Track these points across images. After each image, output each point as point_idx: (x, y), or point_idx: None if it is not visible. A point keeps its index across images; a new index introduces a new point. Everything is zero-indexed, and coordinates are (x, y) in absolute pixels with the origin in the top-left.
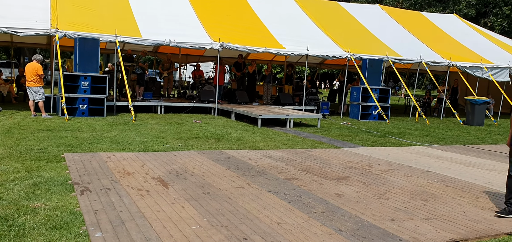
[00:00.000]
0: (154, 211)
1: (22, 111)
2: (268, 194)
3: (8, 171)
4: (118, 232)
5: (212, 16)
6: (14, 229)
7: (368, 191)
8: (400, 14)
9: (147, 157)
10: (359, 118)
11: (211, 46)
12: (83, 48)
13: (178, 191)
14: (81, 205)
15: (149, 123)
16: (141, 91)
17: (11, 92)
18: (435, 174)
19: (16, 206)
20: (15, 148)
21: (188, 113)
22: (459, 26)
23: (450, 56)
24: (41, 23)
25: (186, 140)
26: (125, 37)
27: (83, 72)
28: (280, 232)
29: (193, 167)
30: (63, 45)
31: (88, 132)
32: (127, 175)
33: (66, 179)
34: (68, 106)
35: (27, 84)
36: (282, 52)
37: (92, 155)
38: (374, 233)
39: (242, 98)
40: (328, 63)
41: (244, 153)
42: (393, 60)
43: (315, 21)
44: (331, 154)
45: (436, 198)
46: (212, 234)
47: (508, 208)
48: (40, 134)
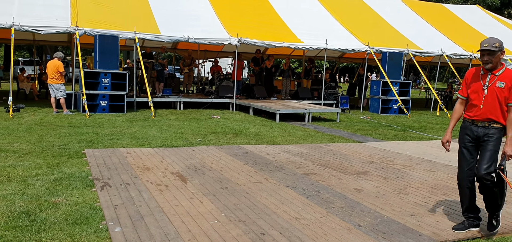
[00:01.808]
0: (172, 206)
1: (44, 108)
2: (286, 189)
3: (31, 166)
4: (137, 227)
5: (230, 11)
6: (36, 223)
7: (388, 186)
8: (421, 6)
9: (166, 152)
10: (379, 112)
11: (229, 41)
12: (103, 45)
13: (197, 186)
14: (101, 200)
15: (169, 118)
16: (161, 88)
17: (33, 89)
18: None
19: (38, 201)
20: (37, 144)
21: (207, 109)
22: (482, 17)
23: (472, 48)
24: (62, 21)
25: (205, 135)
26: (144, 34)
27: (103, 69)
28: (298, 227)
29: (211, 162)
30: (84, 43)
31: (109, 128)
32: (146, 170)
33: (86, 174)
34: (89, 103)
35: (48, 82)
36: (300, 47)
37: (112, 151)
38: (393, 228)
39: (260, 93)
40: (348, 57)
41: (262, 147)
42: (413, 53)
43: (334, 15)
44: (351, 148)
45: (458, 193)
46: (230, 228)
47: (467, 221)
48: (61, 130)
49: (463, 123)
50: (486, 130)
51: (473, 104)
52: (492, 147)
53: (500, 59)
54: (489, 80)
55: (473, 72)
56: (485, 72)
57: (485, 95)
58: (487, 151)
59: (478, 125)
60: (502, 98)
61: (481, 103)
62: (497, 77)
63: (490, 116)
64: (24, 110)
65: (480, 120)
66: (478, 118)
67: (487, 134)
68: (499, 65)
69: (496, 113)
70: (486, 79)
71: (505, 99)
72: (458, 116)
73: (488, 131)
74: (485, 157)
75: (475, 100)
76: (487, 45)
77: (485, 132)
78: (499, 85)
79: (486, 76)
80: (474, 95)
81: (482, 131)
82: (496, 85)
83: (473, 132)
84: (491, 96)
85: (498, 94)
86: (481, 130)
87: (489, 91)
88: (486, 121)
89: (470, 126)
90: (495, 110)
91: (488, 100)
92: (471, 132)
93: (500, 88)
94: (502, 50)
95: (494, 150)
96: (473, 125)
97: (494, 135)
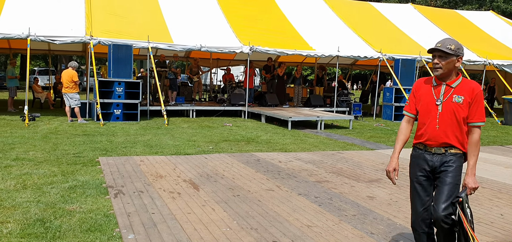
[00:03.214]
0: (185, 213)
1: (59, 117)
2: (298, 196)
3: (46, 174)
4: (150, 234)
5: (241, 19)
6: (51, 231)
7: (401, 193)
8: (434, 13)
9: (179, 160)
10: (393, 119)
11: (241, 50)
12: (117, 54)
13: (209, 193)
14: (115, 207)
15: (181, 126)
16: (174, 96)
17: (48, 99)
18: None
19: (53, 208)
20: (52, 152)
21: (219, 116)
22: (496, 23)
23: (486, 54)
24: (77, 31)
25: (217, 143)
26: (157, 43)
27: (117, 78)
28: (310, 235)
29: (223, 170)
30: (98, 52)
31: (122, 136)
32: (159, 178)
33: (100, 182)
34: (103, 111)
35: (63, 91)
36: (312, 54)
37: (126, 159)
38: (406, 236)
39: (272, 101)
40: (360, 64)
41: (274, 155)
42: (426, 60)
43: (346, 22)
44: (363, 156)
45: (472, 200)
46: (242, 236)
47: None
48: (76, 139)
49: (414, 150)
50: (443, 157)
51: (424, 125)
52: (451, 179)
53: (455, 67)
54: (444, 94)
55: (423, 82)
56: (438, 83)
57: (440, 113)
58: (446, 184)
59: (433, 152)
60: (461, 117)
61: (436, 123)
62: (453, 89)
63: (447, 141)
64: (40, 119)
65: (435, 145)
66: (432, 144)
67: (445, 163)
68: (454, 74)
69: (454, 136)
70: (440, 92)
71: (463, 117)
72: (405, 139)
73: (445, 158)
74: (443, 193)
75: (427, 119)
76: (440, 45)
77: (442, 160)
78: (456, 100)
79: (439, 88)
80: (425, 113)
81: (438, 159)
82: (452, 99)
83: (427, 162)
84: (447, 114)
85: (455, 112)
86: (437, 158)
87: (444, 107)
88: (443, 146)
89: (423, 155)
90: (453, 132)
91: (443, 119)
92: (425, 162)
93: (457, 104)
94: (458, 55)
95: (454, 183)
96: (427, 152)
97: (453, 163)
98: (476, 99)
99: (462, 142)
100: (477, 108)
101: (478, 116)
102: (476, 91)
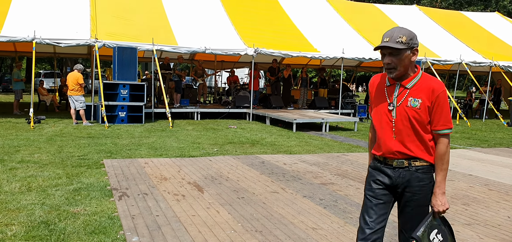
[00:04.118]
0: (189, 215)
1: (64, 119)
2: (303, 199)
3: (51, 177)
4: (154, 237)
5: (246, 22)
6: (55, 233)
7: None
8: (439, 14)
9: (183, 162)
10: None
11: (245, 52)
12: (122, 57)
13: (213, 195)
14: (119, 210)
15: (186, 129)
16: (178, 98)
17: (54, 101)
18: (477, 177)
19: (57, 211)
20: (57, 155)
21: (224, 119)
22: (502, 24)
23: (492, 55)
24: (82, 34)
25: (222, 145)
26: (161, 46)
27: (122, 80)
28: (315, 238)
29: (228, 172)
30: (103, 55)
31: (127, 139)
32: (164, 180)
33: (105, 184)
34: (108, 114)
35: (68, 93)
36: (317, 56)
37: (130, 161)
38: None
39: (277, 103)
40: (365, 66)
41: (278, 157)
42: (431, 62)
43: (351, 24)
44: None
45: (478, 203)
46: (247, 239)
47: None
48: (81, 141)
49: (372, 162)
50: (406, 173)
51: (380, 135)
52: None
53: (411, 62)
54: (398, 96)
55: (378, 79)
56: (392, 83)
57: (395, 120)
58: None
59: (394, 166)
60: (419, 125)
61: (392, 133)
62: (408, 91)
63: (408, 152)
64: (45, 121)
65: (395, 158)
66: (391, 156)
67: (410, 182)
68: (410, 71)
69: (416, 146)
70: (393, 94)
71: (423, 124)
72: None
73: (410, 175)
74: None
75: (381, 128)
76: (388, 39)
77: (406, 177)
78: (411, 104)
79: (393, 89)
80: (379, 120)
81: (401, 175)
82: (407, 103)
83: (388, 176)
84: (402, 122)
85: (411, 119)
86: (399, 173)
87: (398, 113)
88: (405, 159)
89: (383, 168)
90: (413, 143)
91: (399, 128)
92: (385, 176)
93: (413, 109)
94: (413, 47)
95: (422, 204)
96: (387, 166)
97: (419, 182)
98: (438, 102)
99: (429, 150)
100: (440, 113)
101: (442, 123)
102: (437, 92)
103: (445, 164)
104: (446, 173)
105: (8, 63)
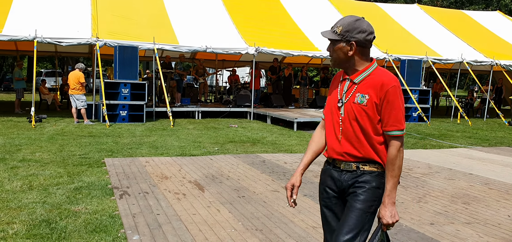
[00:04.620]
0: (190, 214)
1: (65, 118)
2: (304, 197)
3: (52, 176)
4: (155, 235)
5: (247, 21)
6: (56, 232)
7: (407, 195)
8: (440, 13)
9: (184, 161)
10: None
11: (246, 51)
12: (123, 56)
13: (214, 194)
14: (120, 208)
15: (187, 128)
16: (179, 97)
17: (55, 100)
18: (478, 176)
19: (59, 209)
20: (58, 153)
21: (225, 118)
22: (504, 23)
23: (493, 54)
24: (83, 33)
25: (222, 144)
26: (163, 45)
27: (123, 79)
28: (315, 236)
29: (228, 171)
30: (104, 54)
31: (128, 138)
32: (164, 179)
33: (106, 183)
34: (109, 113)
35: (70, 92)
36: (318, 55)
37: (131, 160)
38: (412, 237)
39: (278, 102)
40: None
41: (279, 156)
42: (433, 61)
43: None
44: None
45: (479, 201)
46: (247, 237)
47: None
48: (82, 140)
49: (324, 165)
50: (353, 176)
51: (328, 132)
52: (361, 204)
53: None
54: (346, 92)
55: (337, 76)
56: (345, 77)
57: (342, 118)
58: (352, 211)
59: (342, 169)
60: (366, 123)
61: (339, 132)
62: (356, 86)
63: (356, 154)
64: (46, 120)
65: (343, 160)
66: (338, 157)
67: (356, 183)
68: (358, 64)
69: (364, 149)
70: (343, 89)
71: (372, 124)
72: (316, 148)
73: (357, 178)
74: (346, 223)
75: (331, 126)
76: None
77: (353, 179)
78: (358, 100)
79: (344, 85)
80: (329, 118)
81: (349, 178)
82: (354, 99)
83: (335, 181)
84: (348, 120)
85: (357, 116)
86: (346, 177)
87: (346, 111)
88: (352, 161)
89: (331, 171)
90: (361, 144)
91: (346, 127)
92: (332, 181)
93: (359, 105)
94: (349, 40)
95: (365, 210)
96: (335, 169)
97: (365, 184)
98: (387, 98)
99: (380, 154)
100: (390, 111)
101: (392, 123)
102: (387, 87)
103: (396, 170)
104: (398, 181)
105: (9, 62)
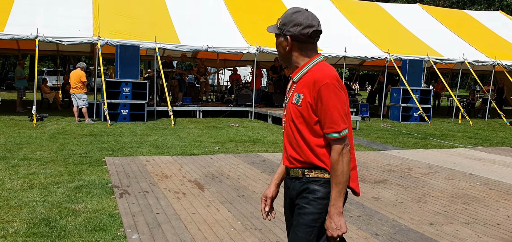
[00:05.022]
0: (189, 213)
1: (67, 117)
2: None
3: (52, 174)
4: (154, 234)
5: (248, 20)
6: (56, 230)
7: (407, 195)
8: (442, 13)
9: (184, 160)
10: (400, 120)
11: (248, 50)
12: (124, 55)
13: (214, 193)
14: (120, 207)
15: (188, 127)
16: (181, 97)
17: (57, 99)
18: (478, 176)
19: (59, 208)
20: (59, 152)
21: (226, 117)
22: (506, 23)
23: (495, 55)
24: (84, 32)
25: (223, 143)
26: (164, 44)
27: (124, 78)
28: None
29: (228, 170)
30: (105, 53)
31: (129, 137)
32: (165, 178)
33: (106, 182)
34: (110, 112)
35: (71, 91)
36: None
37: (132, 159)
38: (411, 237)
39: (279, 102)
40: (368, 64)
41: (279, 156)
42: (434, 60)
43: (353, 22)
44: (370, 156)
45: (478, 202)
46: (246, 236)
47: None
48: (83, 139)
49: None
50: (301, 184)
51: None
52: (305, 219)
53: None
54: (288, 91)
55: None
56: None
57: (285, 119)
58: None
59: (291, 176)
60: (302, 125)
61: (285, 135)
62: (295, 85)
63: (298, 157)
64: (48, 119)
65: (291, 166)
66: (287, 163)
67: (302, 194)
68: (298, 60)
69: (304, 152)
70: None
71: (308, 125)
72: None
73: (303, 186)
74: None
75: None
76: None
77: (301, 188)
78: (295, 100)
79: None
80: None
81: (297, 187)
82: (293, 99)
83: (287, 191)
84: (288, 120)
85: (293, 117)
86: (295, 185)
87: (287, 111)
88: (299, 167)
89: (286, 180)
90: (301, 148)
91: (287, 129)
92: (287, 188)
93: (295, 106)
94: (286, 33)
95: (308, 224)
96: (287, 176)
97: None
98: (320, 97)
99: (322, 158)
100: (325, 112)
101: (327, 124)
102: (319, 84)
103: (339, 176)
104: (343, 188)
105: (11, 61)
